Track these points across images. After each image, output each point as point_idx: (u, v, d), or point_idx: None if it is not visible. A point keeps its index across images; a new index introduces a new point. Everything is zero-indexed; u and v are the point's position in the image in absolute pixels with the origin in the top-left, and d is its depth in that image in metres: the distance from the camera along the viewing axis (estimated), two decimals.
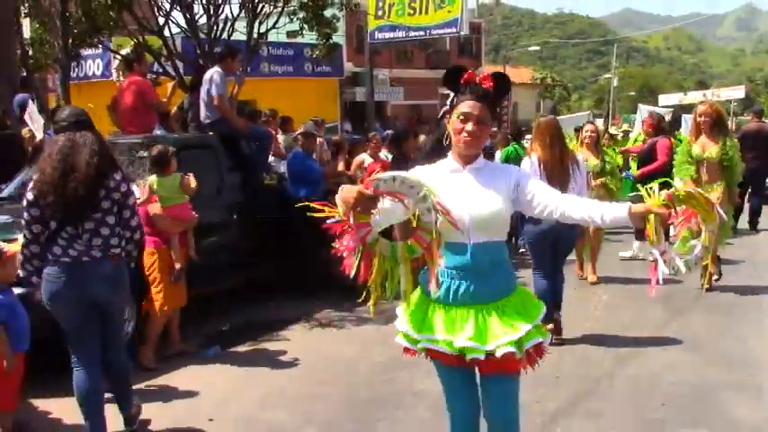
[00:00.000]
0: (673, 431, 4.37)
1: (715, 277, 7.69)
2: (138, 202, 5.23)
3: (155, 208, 5.67)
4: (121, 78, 10.52)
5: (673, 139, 9.90)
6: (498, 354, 2.78)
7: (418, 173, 2.92)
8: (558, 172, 5.81)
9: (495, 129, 12.16)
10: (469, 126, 2.89)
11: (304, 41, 24.03)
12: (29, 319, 4.35)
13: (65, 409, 4.58)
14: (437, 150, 3.21)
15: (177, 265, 5.64)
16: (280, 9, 12.79)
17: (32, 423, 4.59)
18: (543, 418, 4.49)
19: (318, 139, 8.72)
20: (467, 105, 2.91)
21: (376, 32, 29.27)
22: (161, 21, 12.01)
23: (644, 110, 18.60)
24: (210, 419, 4.60)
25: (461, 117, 2.91)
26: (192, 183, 5.77)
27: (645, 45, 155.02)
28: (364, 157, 9.45)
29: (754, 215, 11.87)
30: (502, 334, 2.81)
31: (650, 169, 8.80)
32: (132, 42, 12.31)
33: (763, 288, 7.84)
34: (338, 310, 7.22)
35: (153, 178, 5.71)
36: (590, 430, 4.38)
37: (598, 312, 7.12)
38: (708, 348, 5.90)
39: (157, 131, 7.88)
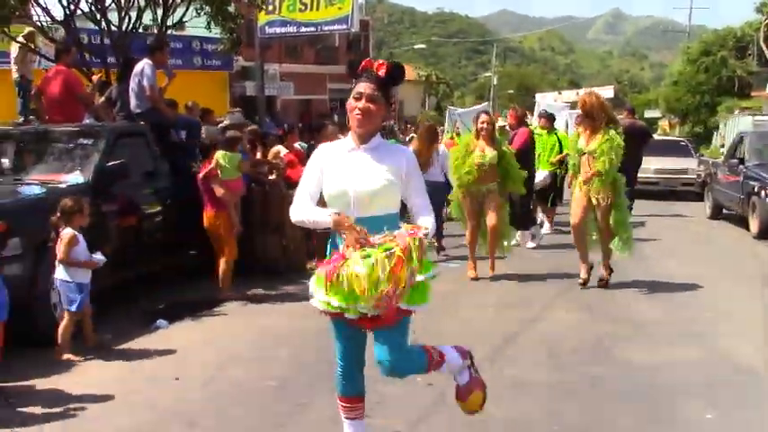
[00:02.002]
0: (575, 369, 5.23)
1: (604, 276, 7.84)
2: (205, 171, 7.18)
3: (216, 180, 7.23)
4: (14, 67, 10.56)
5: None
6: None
7: (321, 150, 3.43)
8: (424, 159, 8.50)
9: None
10: (361, 103, 3.21)
11: (192, 34, 23.91)
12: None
13: None
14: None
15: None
16: (186, 2, 13.02)
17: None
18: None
19: None
20: (359, 86, 3.25)
21: (266, 27, 29.23)
22: (67, 11, 11.97)
23: (542, 103, 19.45)
24: (176, 378, 5.09)
25: (355, 96, 3.25)
26: (246, 164, 7.73)
27: (521, 45, 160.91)
28: (280, 148, 9.97)
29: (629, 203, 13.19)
30: None
31: None
32: (26, 31, 12.20)
33: (643, 263, 9.02)
34: (265, 289, 7.78)
35: (220, 153, 7.29)
36: (514, 371, 5.16)
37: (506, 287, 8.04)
38: (599, 311, 6.91)
39: (87, 120, 8.12)
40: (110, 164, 6.67)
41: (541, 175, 11.21)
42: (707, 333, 6.21)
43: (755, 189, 11.63)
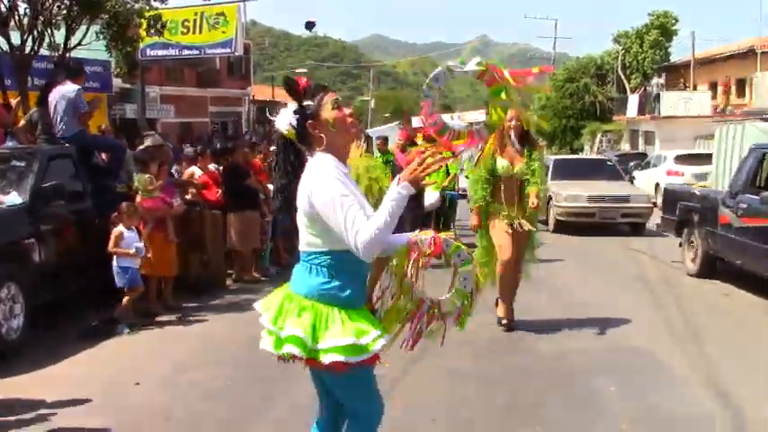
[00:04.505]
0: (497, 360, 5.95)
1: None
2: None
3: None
4: None
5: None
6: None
7: (337, 171, 2.82)
8: None
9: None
10: (348, 110, 2.92)
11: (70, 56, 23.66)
12: None
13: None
14: (296, 164, 3.03)
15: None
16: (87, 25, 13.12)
17: None
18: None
19: None
20: (334, 97, 2.92)
21: (147, 50, 29.06)
22: None
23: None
24: (137, 383, 5.42)
25: (336, 105, 2.91)
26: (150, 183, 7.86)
27: (394, 70, 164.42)
28: (195, 169, 10.28)
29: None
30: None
31: None
32: None
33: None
34: (193, 303, 8.13)
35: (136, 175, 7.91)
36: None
37: None
38: None
39: (9, 143, 8.19)
40: (45, 185, 6.88)
41: (431, 196, 10.84)
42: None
43: None
